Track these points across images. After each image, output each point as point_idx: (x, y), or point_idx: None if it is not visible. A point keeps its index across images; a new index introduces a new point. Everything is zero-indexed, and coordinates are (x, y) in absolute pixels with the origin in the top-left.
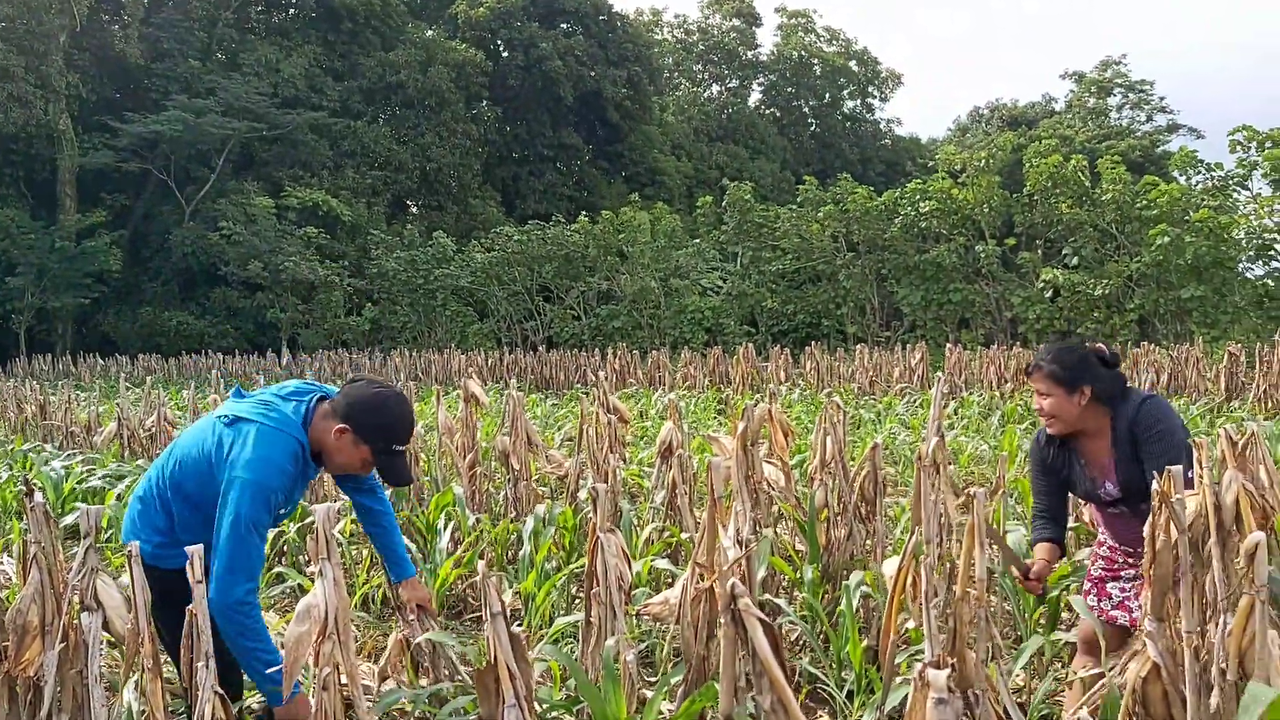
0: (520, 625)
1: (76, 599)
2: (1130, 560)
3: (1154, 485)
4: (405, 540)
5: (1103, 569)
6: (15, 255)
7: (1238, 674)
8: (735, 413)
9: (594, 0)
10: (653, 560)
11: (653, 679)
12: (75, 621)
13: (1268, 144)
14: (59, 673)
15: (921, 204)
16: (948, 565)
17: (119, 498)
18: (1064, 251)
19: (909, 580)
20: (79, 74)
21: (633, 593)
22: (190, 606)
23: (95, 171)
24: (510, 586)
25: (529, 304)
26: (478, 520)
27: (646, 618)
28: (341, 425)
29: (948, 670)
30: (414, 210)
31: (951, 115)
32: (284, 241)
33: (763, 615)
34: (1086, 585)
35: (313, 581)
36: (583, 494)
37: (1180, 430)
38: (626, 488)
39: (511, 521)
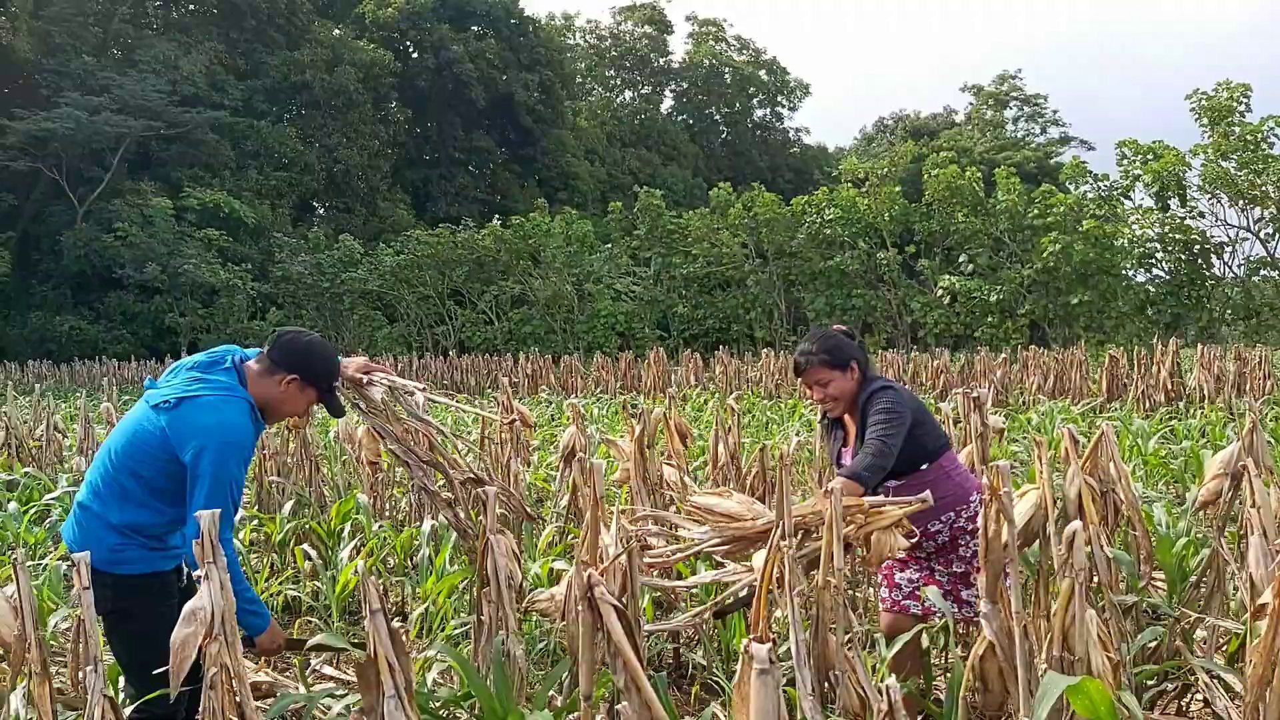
0: (409, 627)
1: None
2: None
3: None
4: (306, 547)
5: (890, 561)
6: None
7: (1062, 650)
8: (624, 415)
9: (505, 4)
10: (553, 561)
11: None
12: None
13: (1149, 157)
14: None
15: (826, 212)
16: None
17: None
18: (960, 259)
19: (774, 572)
20: None
21: (532, 592)
22: (80, 614)
23: None
24: (412, 593)
25: (440, 308)
26: (380, 527)
27: (538, 616)
28: (289, 376)
29: (769, 644)
30: (320, 212)
31: (858, 125)
32: (183, 244)
33: (617, 602)
34: (878, 578)
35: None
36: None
37: (895, 418)
38: (534, 492)
39: (415, 528)
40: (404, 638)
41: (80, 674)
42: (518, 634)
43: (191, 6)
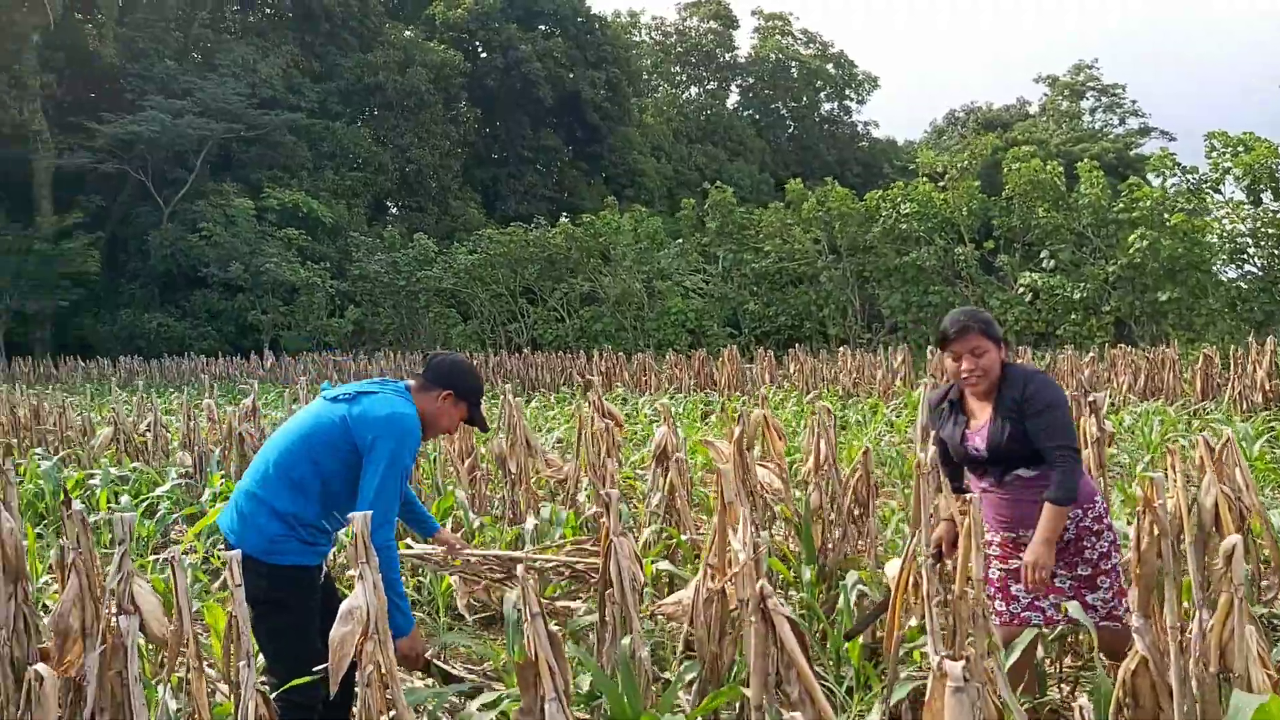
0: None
1: (114, 603)
2: (1019, 550)
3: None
4: (410, 540)
5: (1001, 571)
6: None
7: (1219, 667)
8: (729, 416)
9: (572, 2)
10: (654, 562)
11: (661, 676)
12: (113, 625)
13: (1240, 149)
14: (100, 674)
15: (902, 206)
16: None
17: (118, 499)
18: (1041, 255)
19: (910, 580)
20: (54, 74)
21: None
22: (233, 610)
23: (71, 173)
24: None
25: (512, 306)
26: (480, 524)
27: (660, 616)
28: (446, 391)
29: (963, 661)
30: (394, 211)
31: (928, 118)
32: (264, 243)
33: (789, 613)
34: (988, 590)
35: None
36: (581, 497)
37: (1064, 406)
38: (621, 490)
39: (511, 525)
40: (561, 642)
41: (231, 669)
42: (647, 635)
43: (268, 10)
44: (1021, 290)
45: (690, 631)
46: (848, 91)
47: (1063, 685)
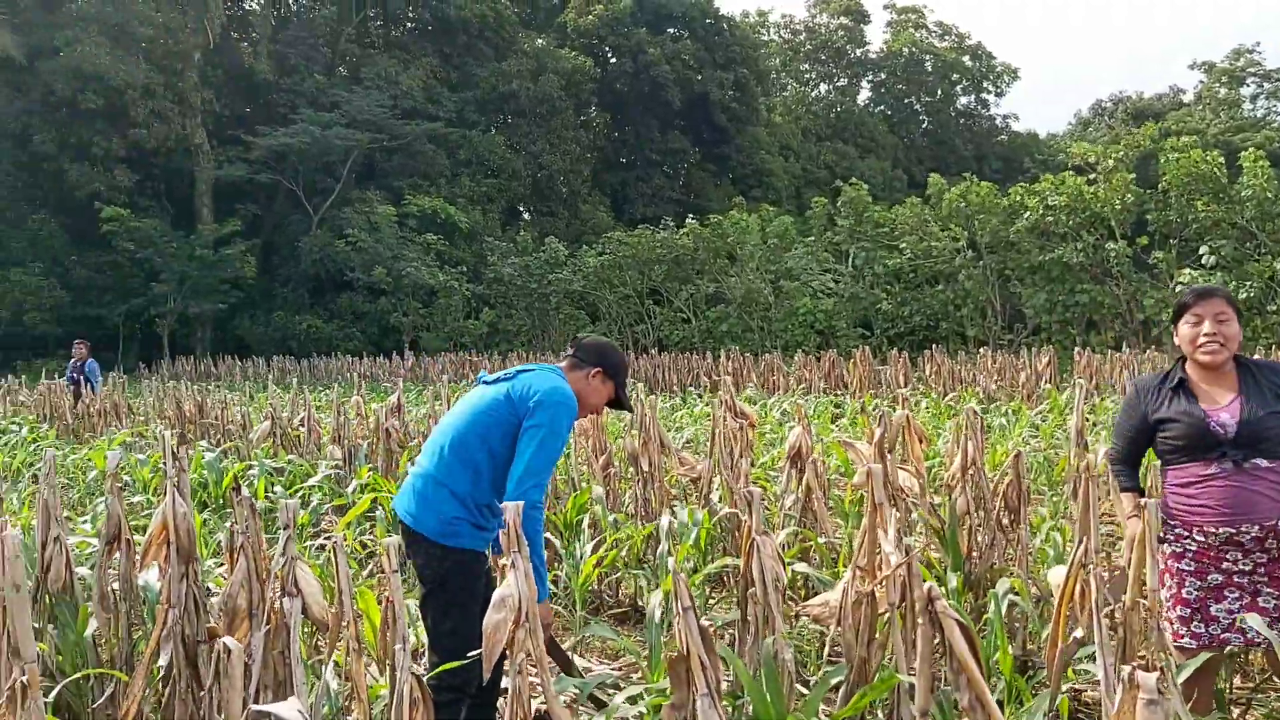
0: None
1: (278, 585)
2: (1239, 550)
3: None
4: (550, 535)
5: (1198, 591)
6: (159, 263)
7: None
8: (867, 417)
9: (700, 4)
10: (790, 564)
11: (802, 678)
12: (277, 606)
13: None
14: (264, 652)
15: (1050, 200)
16: (1110, 574)
17: (277, 489)
18: (1200, 251)
19: (1077, 589)
20: (213, 90)
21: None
22: (389, 595)
23: (230, 183)
24: (648, 586)
25: (639, 307)
26: (616, 521)
27: (802, 619)
28: (595, 369)
29: (1157, 673)
30: (526, 216)
31: (1070, 110)
32: (405, 248)
33: (961, 618)
34: (1181, 611)
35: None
36: (714, 497)
37: None
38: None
39: (644, 522)
40: (713, 637)
41: (386, 652)
42: (785, 636)
43: (409, 24)
44: (1178, 288)
45: (836, 634)
46: (985, 84)
47: (1232, 708)
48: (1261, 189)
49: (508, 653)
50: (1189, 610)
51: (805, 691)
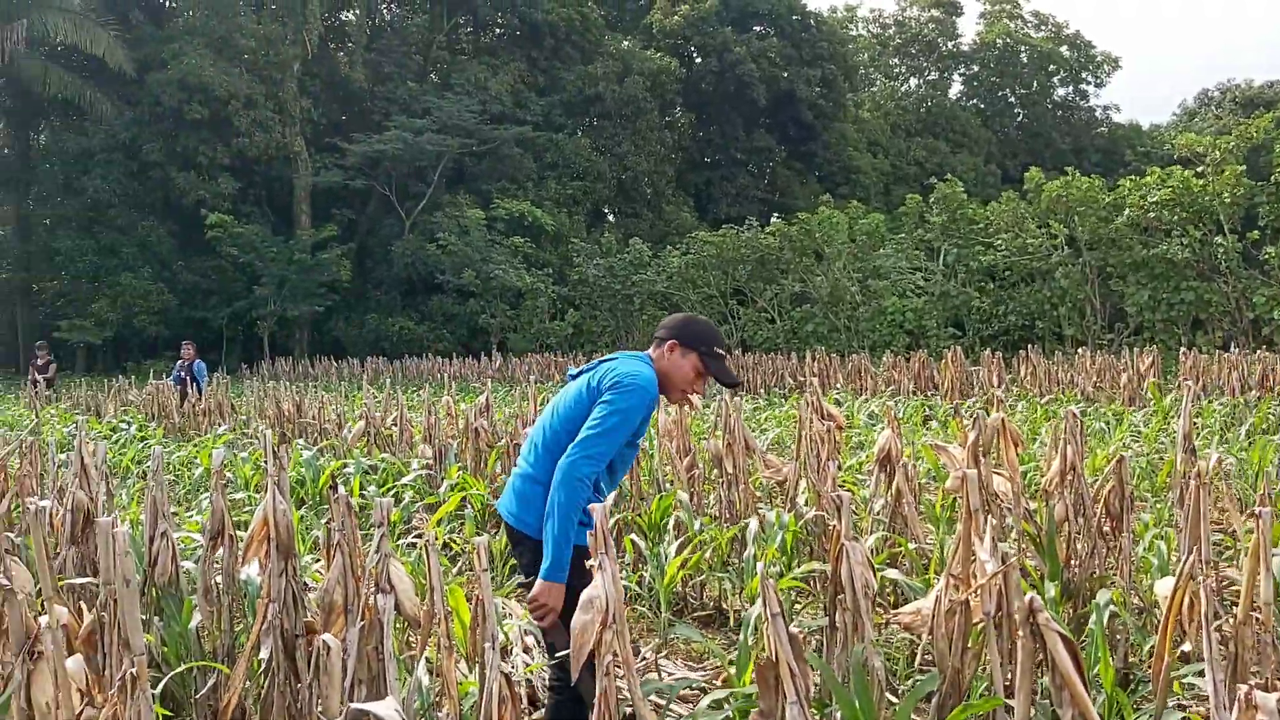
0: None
1: (373, 582)
2: None
3: None
4: (634, 537)
5: None
6: (260, 267)
7: None
8: (955, 422)
9: (787, 1)
10: (879, 570)
11: (893, 686)
12: (371, 602)
13: None
14: (358, 648)
15: (1153, 194)
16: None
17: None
18: None
19: (1185, 601)
20: (311, 99)
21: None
22: (479, 594)
23: (326, 189)
24: (733, 589)
25: (723, 307)
26: (701, 524)
27: (891, 627)
28: (670, 342)
29: (1278, 695)
30: (611, 218)
31: (1176, 99)
32: (493, 251)
33: (1064, 630)
34: None
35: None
36: (800, 500)
37: None
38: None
39: (729, 525)
40: (802, 644)
41: (476, 650)
42: (875, 644)
43: (498, 30)
44: None
45: (928, 643)
46: (1084, 75)
47: None
48: None
49: (596, 654)
50: None
51: (895, 701)
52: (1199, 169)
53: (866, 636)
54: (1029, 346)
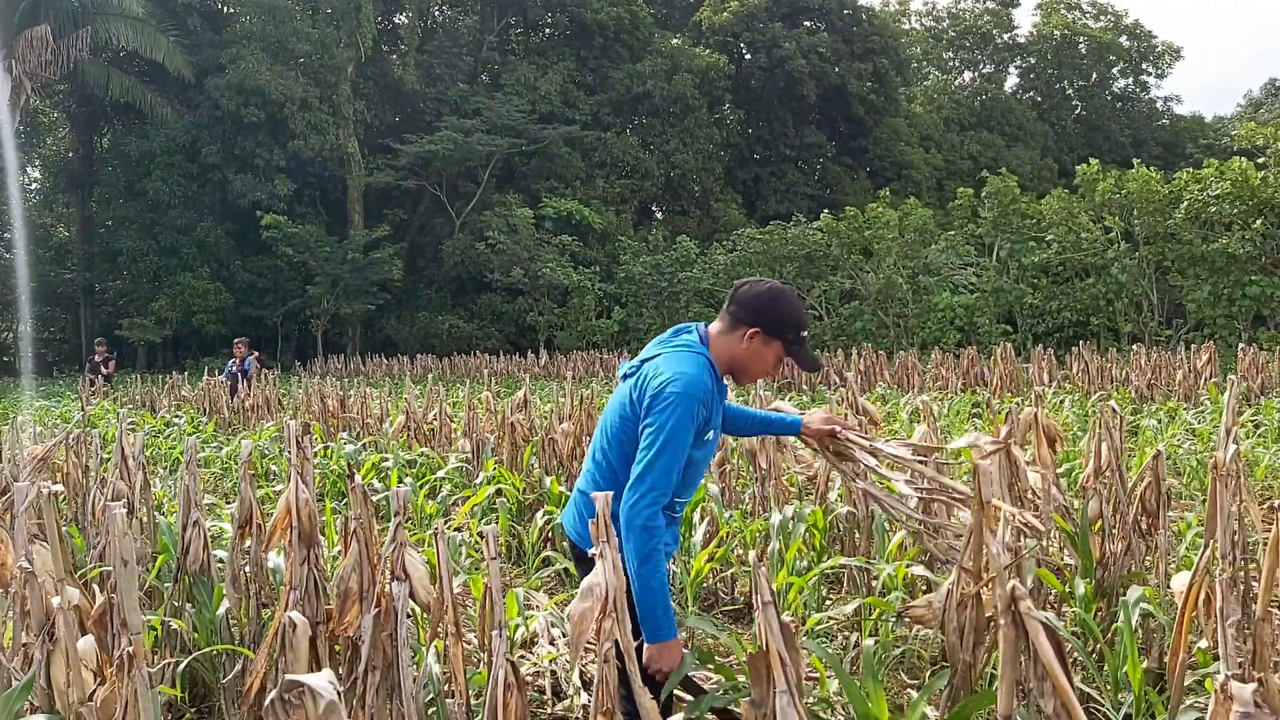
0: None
1: (388, 570)
2: None
3: None
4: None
5: None
6: (314, 266)
7: None
8: (996, 417)
9: None
10: (908, 566)
11: (910, 684)
12: (386, 590)
13: None
14: (373, 635)
15: (1213, 187)
16: (1242, 584)
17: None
18: None
19: (1201, 597)
20: (364, 101)
21: (888, 596)
22: (488, 582)
23: (378, 189)
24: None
25: None
26: (730, 516)
27: (907, 620)
28: (751, 330)
29: (1254, 685)
30: (659, 216)
31: (1240, 91)
32: (542, 249)
33: (1046, 618)
34: None
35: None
36: (833, 494)
37: None
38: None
39: (764, 518)
40: (794, 633)
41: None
42: (892, 639)
43: (548, 30)
44: None
45: (942, 638)
46: (1145, 65)
47: None
48: None
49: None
50: None
51: (914, 695)
52: (1260, 161)
53: (877, 632)
54: (1082, 343)
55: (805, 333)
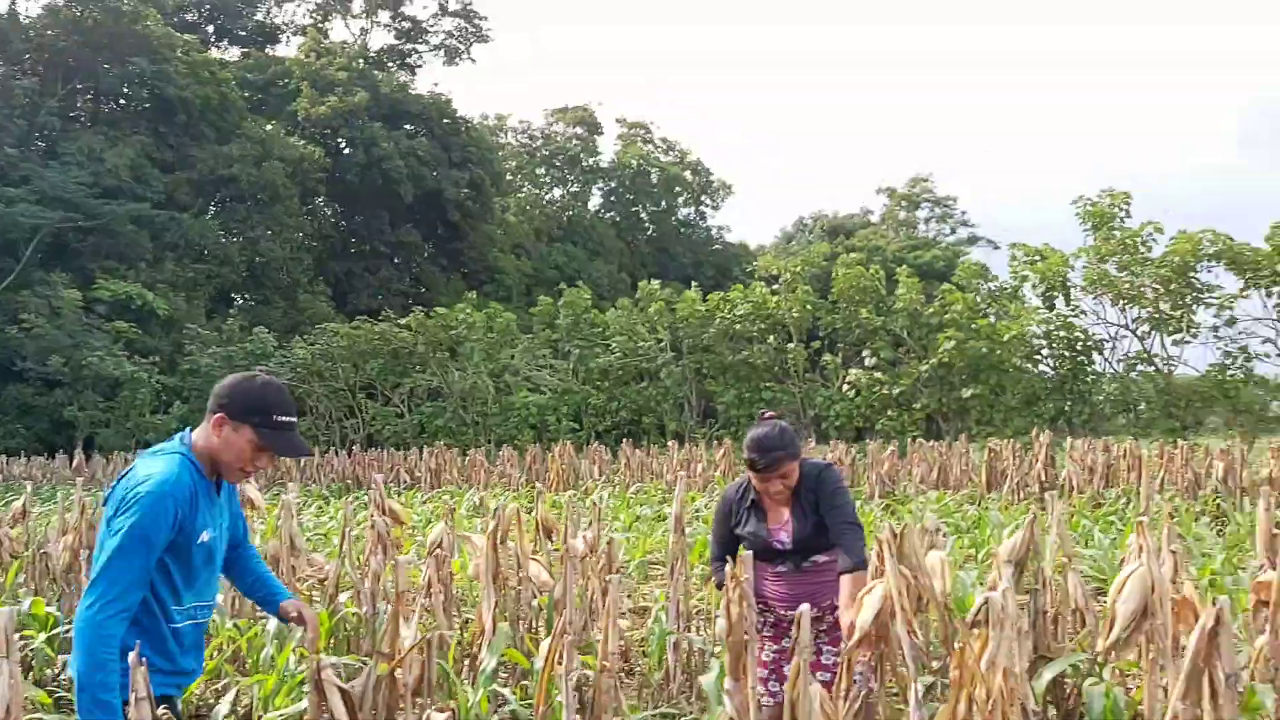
0: None
1: None
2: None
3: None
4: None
5: (773, 653)
6: None
7: None
8: (551, 509)
9: (438, 104)
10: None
11: None
12: None
13: (1036, 258)
14: None
15: (739, 308)
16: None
17: None
18: (863, 353)
19: (557, 659)
20: None
21: None
22: None
23: None
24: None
25: (350, 401)
26: (234, 624)
27: None
28: (216, 416)
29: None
30: (239, 304)
31: (780, 223)
32: (90, 336)
33: (343, 684)
34: (761, 674)
35: None
36: (343, 597)
37: (848, 490)
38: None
39: (262, 624)
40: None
41: None
42: None
43: (122, 102)
44: (847, 387)
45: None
46: (704, 198)
47: None
48: (911, 301)
49: None
50: (766, 671)
51: None
52: (774, 287)
53: None
54: (629, 440)
55: (285, 417)
